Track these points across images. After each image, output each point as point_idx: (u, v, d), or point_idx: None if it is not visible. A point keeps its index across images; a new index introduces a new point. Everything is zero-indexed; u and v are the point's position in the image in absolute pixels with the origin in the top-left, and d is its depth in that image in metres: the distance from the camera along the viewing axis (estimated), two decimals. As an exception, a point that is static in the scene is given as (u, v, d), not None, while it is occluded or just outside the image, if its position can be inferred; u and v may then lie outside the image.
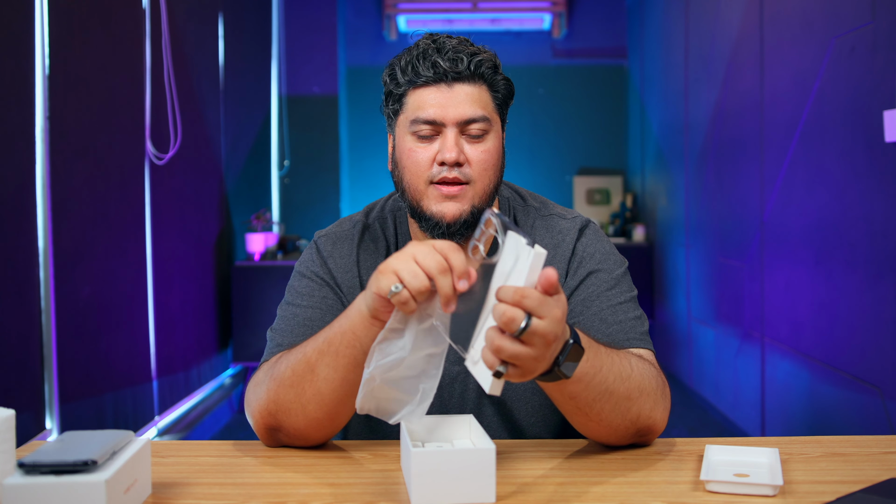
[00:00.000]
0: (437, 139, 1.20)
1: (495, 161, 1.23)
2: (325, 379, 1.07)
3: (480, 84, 1.21)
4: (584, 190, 6.10)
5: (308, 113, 5.89)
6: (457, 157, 1.18)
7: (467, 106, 1.19)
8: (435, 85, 1.20)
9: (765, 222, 3.29)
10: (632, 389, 1.08)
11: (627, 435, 1.12)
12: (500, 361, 0.89)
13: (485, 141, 1.21)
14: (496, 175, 1.24)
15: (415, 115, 1.20)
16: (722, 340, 3.91)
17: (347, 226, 1.35)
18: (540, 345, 0.89)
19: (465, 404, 1.28)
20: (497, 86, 1.23)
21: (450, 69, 1.19)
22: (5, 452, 0.92)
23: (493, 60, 1.23)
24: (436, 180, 1.20)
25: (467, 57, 1.19)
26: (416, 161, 1.21)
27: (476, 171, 1.20)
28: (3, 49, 2.45)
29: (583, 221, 1.33)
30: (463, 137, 1.20)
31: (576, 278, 1.28)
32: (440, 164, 1.19)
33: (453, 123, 1.19)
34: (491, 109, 1.22)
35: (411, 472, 0.94)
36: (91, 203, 2.98)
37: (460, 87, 1.20)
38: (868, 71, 2.42)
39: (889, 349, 2.31)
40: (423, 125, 1.20)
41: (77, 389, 2.83)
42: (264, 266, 4.82)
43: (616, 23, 6.23)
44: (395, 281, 0.95)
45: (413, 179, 1.22)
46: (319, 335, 1.10)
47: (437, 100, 1.19)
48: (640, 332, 1.24)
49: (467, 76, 1.20)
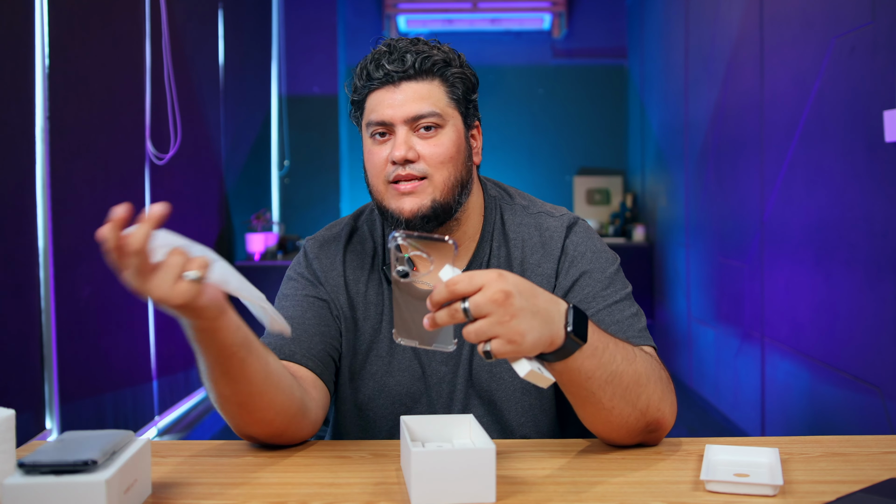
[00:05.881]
0: (391, 139, 1.23)
1: (451, 154, 1.23)
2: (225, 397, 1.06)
3: (430, 80, 1.23)
4: (584, 190, 6.10)
5: (308, 113, 5.89)
6: (404, 154, 1.21)
7: (413, 103, 1.22)
8: (385, 87, 1.23)
9: (765, 222, 3.29)
10: (639, 373, 1.08)
11: (638, 428, 1.11)
12: (483, 343, 0.93)
13: (438, 135, 1.23)
14: (456, 168, 1.24)
15: (369, 118, 1.24)
16: (722, 340, 3.91)
17: (336, 229, 1.38)
18: (496, 309, 0.92)
19: (454, 404, 1.28)
20: (451, 80, 1.25)
21: (395, 70, 1.22)
22: (5, 452, 0.92)
23: (445, 56, 1.24)
24: (391, 179, 1.23)
25: (413, 56, 1.22)
26: (373, 163, 1.25)
27: (431, 166, 1.22)
28: (3, 49, 2.45)
29: (570, 219, 1.33)
30: (415, 135, 1.22)
31: (568, 278, 1.28)
32: (392, 162, 1.22)
33: (402, 122, 1.22)
34: (444, 105, 1.23)
35: (411, 472, 0.94)
36: (91, 203, 2.98)
37: (407, 86, 1.22)
38: (868, 71, 2.42)
39: (889, 349, 2.31)
40: (377, 126, 1.23)
41: (77, 389, 2.83)
42: (264, 266, 4.82)
43: (616, 23, 6.23)
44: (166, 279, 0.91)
45: (374, 180, 1.26)
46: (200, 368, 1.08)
47: (386, 100, 1.22)
48: (639, 328, 1.24)
49: (413, 74, 1.22)
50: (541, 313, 0.95)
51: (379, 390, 1.28)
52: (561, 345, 0.98)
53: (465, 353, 1.28)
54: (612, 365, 1.05)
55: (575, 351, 1.00)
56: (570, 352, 0.99)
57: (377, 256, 1.34)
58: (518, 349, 0.93)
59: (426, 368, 1.28)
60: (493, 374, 1.28)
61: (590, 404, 1.08)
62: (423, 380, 1.28)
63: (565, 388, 1.08)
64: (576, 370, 1.03)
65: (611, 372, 1.05)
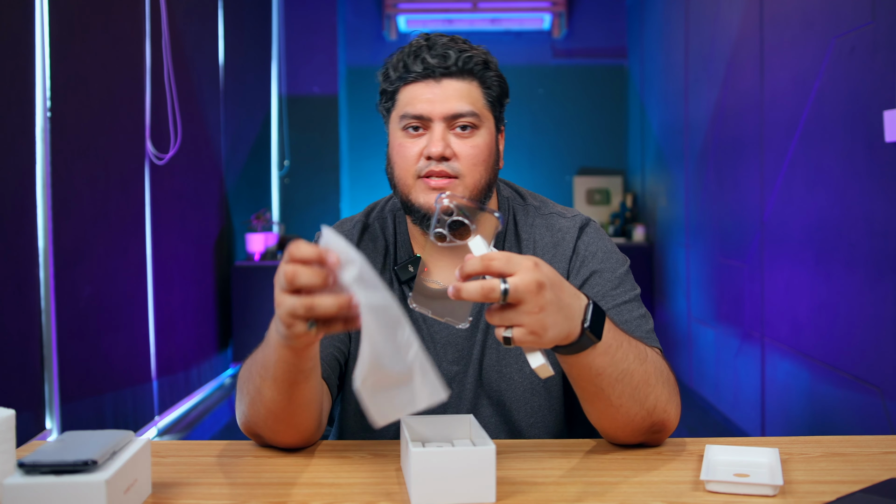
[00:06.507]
0: (426, 135, 1.22)
1: (485, 157, 1.23)
2: (271, 400, 1.07)
3: (470, 80, 1.23)
4: (584, 190, 6.10)
5: (308, 113, 5.89)
6: (442, 151, 1.19)
7: (455, 101, 1.21)
8: (424, 81, 1.21)
9: (765, 222, 3.29)
10: (649, 373, 1.08)
11: (643, 428, 1.11)
12: (504, 328, 0.92)
13: (473, 136, 1.22)
14: (487, 171, 1.24)
15: (404, 111, 1.22)
16: (722, 340, 3.91)
17: (348, 226, 1.36)
18: (529, 298, 0.91)
19: (462, 404, 1.28)
20: (488, 83, 1.24)
21: (438, 65, 1.20)
22: (5, 452, 0.92)
23: (485, 58, 1.24)
24: (423, 174, 1.21)
25: (456, 53, 1.21)
26: (404, 156, 1.23)
27: (464, 166, 1.21)
28: (3, 49, 2.45)
29: (583, 220, 1.33)
30: (452, 133, 1.22)
31: (578, 278, 1.28)
32: (427, 158, 1.21)
33: (440, 118, 1.21)
34: (481, 106, 1.23)
35: (411, 472, 0.94)
36: (91, 203, 2.98)
37: (448, 83, 1.21)
38: (868, 71, 2.42)
39: (889, 349, 2.30)
40: (412, 120, 1.22)
41: (77, 389, 2.83)
42: (264, 266, 4.82)
43: (616, 23, 6.23)
44: (296, 322, 0.91)
45: (402, 174, 1.24)
46: (258, 355, 1.08)
47: (425, 95, 1.21)
48: (646, 329, 1.24)
49: (456, 72, 1.21)
50: (565, 308, 0.95)
51: None
52: (575, 339, 0.98)
53: (476, 353, 1.28)
54: (624, 363, 1.05)
55: (588, 347, 1.00)
56: (584, 347, 1.00)
57: (388, 256, 1.33)
58: (539, 341, 0.93)
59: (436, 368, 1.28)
60: (503, 375, 1.27)
61: (598, 400, 1.08)
62: None
63: (575, 382, 1.08)
64: (587, 366, 1.03)
65: (622, 370, 1.05)
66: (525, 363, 1.27)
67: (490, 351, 1.27)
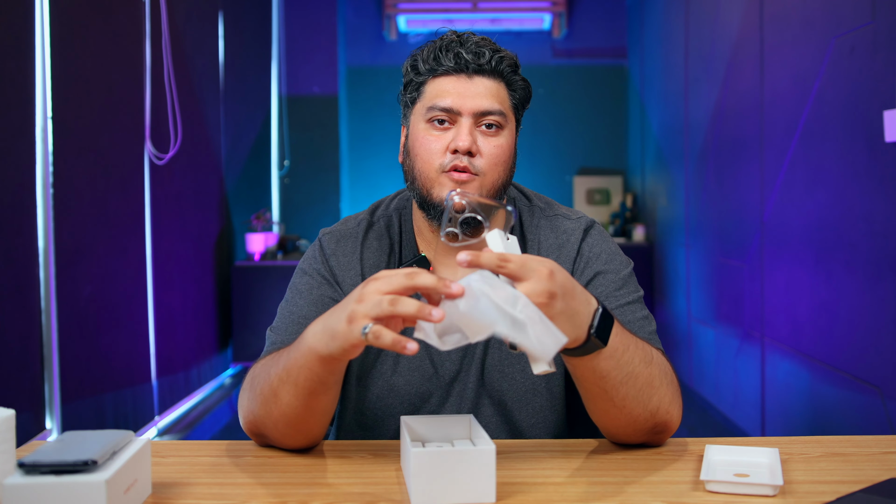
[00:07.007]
0: (452, 129, 1.21)
1: (506, 158, 1.23)
2: (287, 405, 1.07)
3: (499, 81, 1.23)
4: (584, 190, 6.10)
5: (308, 113, 5.89)
6: (469, 146, 1.19)
7: (485, 98, 1.21)
8: (455, 75, 1.22)
9: (765, 222, 3.29)
10: (654, 376, 1.08)
11: (645, 429, 1.11)
12: None
13: (498, 136, 1.22)
14: (506, 172, 1.24)
15: (432, 103, 1.22)
16: (722, 340, 3.91)
17: (352, 224, 1.35)
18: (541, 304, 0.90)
19: (463, 403, 1.28)
20: (515, 86, 1.26)
21: (472, 61, 1.21)
22: (5, 452, 0.92)
23: (514, 61, 1.26)
24: (447, 168, 1.20)
25: (490, 52, 1.22)
26: (428, 149, 1.22)
27: (486, 164, 1.21)
28: (3, 49, 2.45)
29: (587, 222, 1.33)
30: (477, 130, 1.22)
31: (583, 279, 1.28)
32: (453, 151, 1.20)
33: (469, 113, 1.21)
34: (507, 107, 1.24)
35: (411, 472, 0.94)
36: (91, 202, 2.98)
37: (480, 80, 1.22)
38: (868, 71, 2.42)
39: (889, 349, 2.30)
40: (440, 112, 1.21)
41: (77, 389, 2.83)
42: (264, 266, 4.82)
43: (616, 23, 6.23)
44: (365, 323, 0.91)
45: (424, 167, 1.22)
46: (281, 357, 1.08)
47: (455, 89, 1.21)
48: (649, 331, 1.24)
49: (488, 70, 1.22)
50: (574, 317, 0.96)
51: (388, 390, 1.27)
52: (582, 343, 0.99)
53: (479, 353, 1.27)
54: (630, 366, 1.05)
55: (594, 351, 1.00)
56: (589, 351, 1.00)
57: (393, 254, 1.32)
58: None
59: (438, 368, 1.28)
60: (505, 374, 1.27)
61: (602, 401, 1.08)
62: (433, 380, 1.27)
63: (579, 382, 1.08)
64: (592, 368, 1.03)
65: (627, 373, 1.05)
66: (527, 363, 1.27)
67: (493, 351, 1.27)
